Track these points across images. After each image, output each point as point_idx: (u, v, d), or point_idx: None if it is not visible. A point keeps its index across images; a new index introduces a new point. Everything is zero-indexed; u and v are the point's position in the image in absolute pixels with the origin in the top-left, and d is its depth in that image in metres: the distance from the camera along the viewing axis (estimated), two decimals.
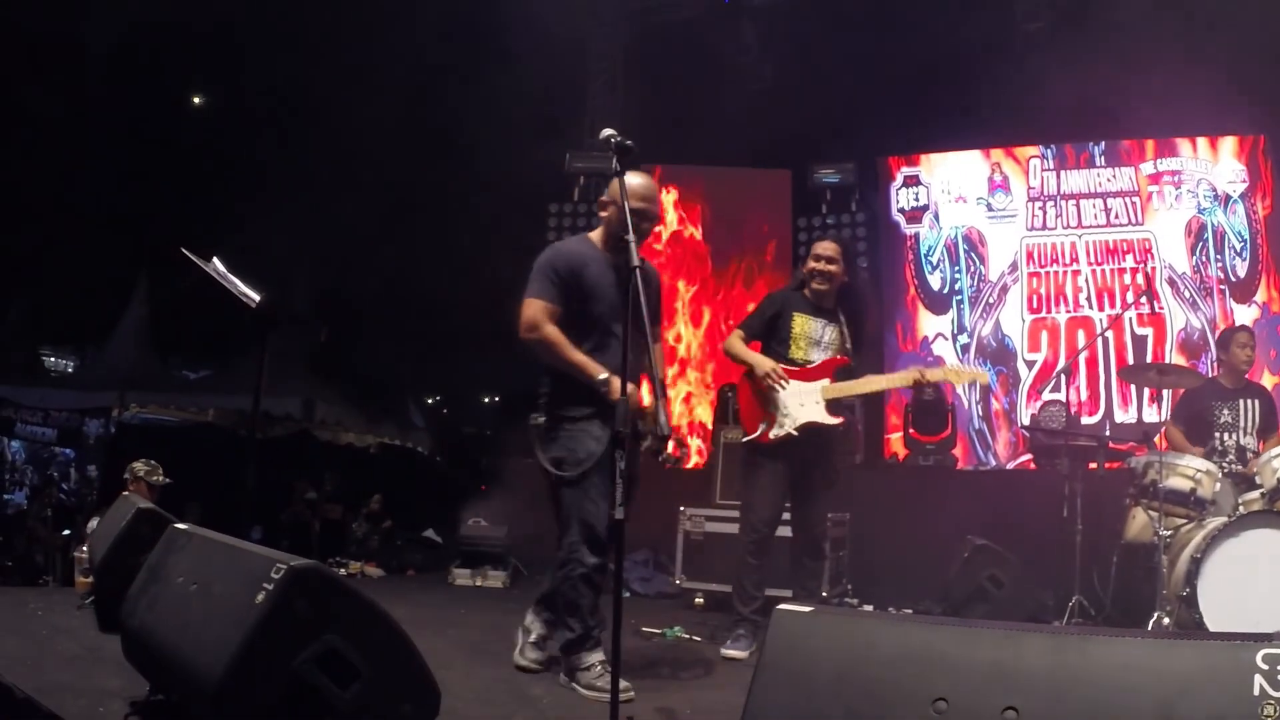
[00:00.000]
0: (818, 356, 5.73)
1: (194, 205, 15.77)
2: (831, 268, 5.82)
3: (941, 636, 2.14)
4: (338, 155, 13.79)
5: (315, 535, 11.61)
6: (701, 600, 7.65)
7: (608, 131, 3.94)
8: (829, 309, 5.87)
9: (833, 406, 5.63)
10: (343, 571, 9.19)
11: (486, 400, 29.39)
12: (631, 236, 3.77)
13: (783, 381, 5.55)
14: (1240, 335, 7.22)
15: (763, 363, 5.62)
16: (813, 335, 5.80)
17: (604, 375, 4.44)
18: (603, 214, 4.83)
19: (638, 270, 3.66)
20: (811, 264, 5.86)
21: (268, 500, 11.49)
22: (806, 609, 2.34)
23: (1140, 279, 9.70)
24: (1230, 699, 1.90)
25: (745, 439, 5.78)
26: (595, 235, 4.89)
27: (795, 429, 5.56)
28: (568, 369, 4.54)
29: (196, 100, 17.13)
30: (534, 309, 4.62)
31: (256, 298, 4.90)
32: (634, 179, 4.47)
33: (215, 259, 5.04)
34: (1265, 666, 1.90)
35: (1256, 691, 1.88)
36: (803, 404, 5.60)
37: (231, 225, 13.60)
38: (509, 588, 8.64)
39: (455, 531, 9.40)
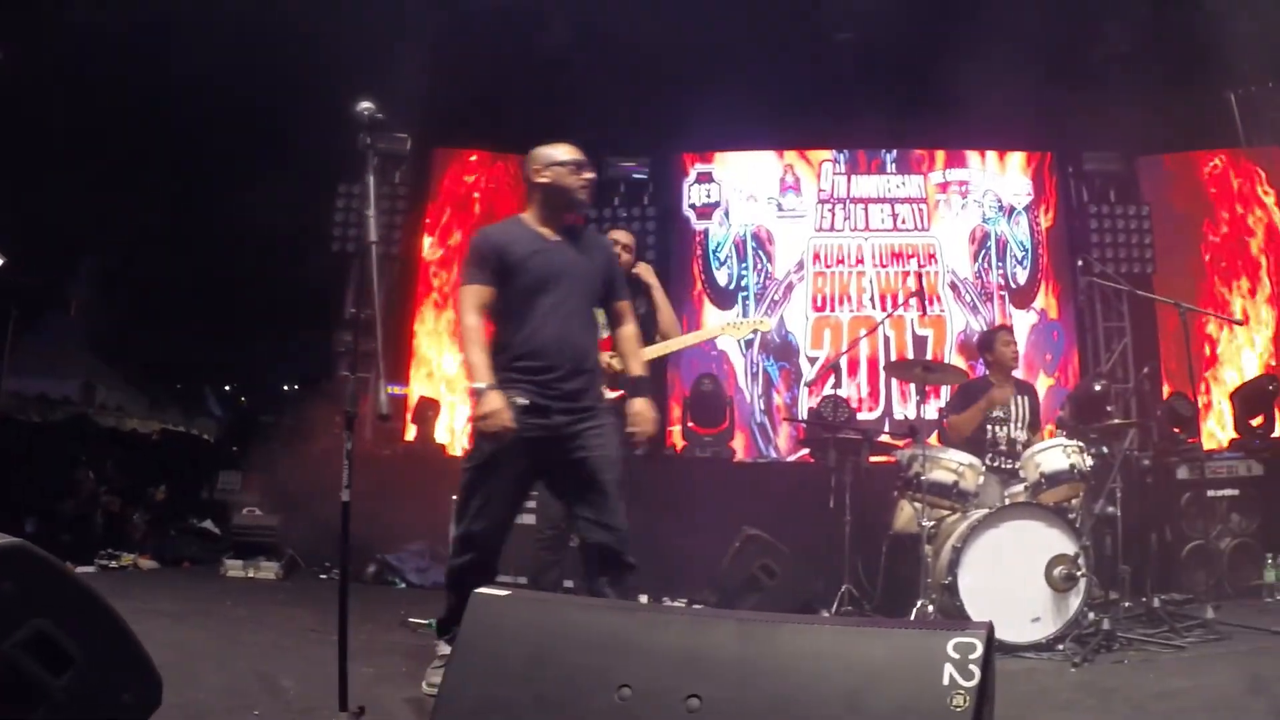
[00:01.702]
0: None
1: None
2: (629, 256, 6.03)
3: (631, 622, 2.11)
4: (130, 127, 13.16)
5: (98, 528, 11.05)
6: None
7: (364, 104, 3.78)
8: None
9: (610, 382, 5.52)
10: (114, 564, 8.77)
11: (286, 389, 28.58)
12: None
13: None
14: (1002, 334, 7.57)
15: None
16: (603, 318, 5.76)
17: None
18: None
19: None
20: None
21: (46, 490, 10.88)
22: (503, 592, 2.28)
23: (911, 282, 10.04)
24: (919, 688, 1.91)
25: None
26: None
27: None
28: None
29: None
30: None
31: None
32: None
33: None
34: (956, 655, 1.91)
35: (946, 681, 1.89)
36: None
37: (13, 196, 12.88)
38: (282, 579, 8.42)
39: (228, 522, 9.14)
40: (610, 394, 5.60)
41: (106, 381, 14.96)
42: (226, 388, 24.97)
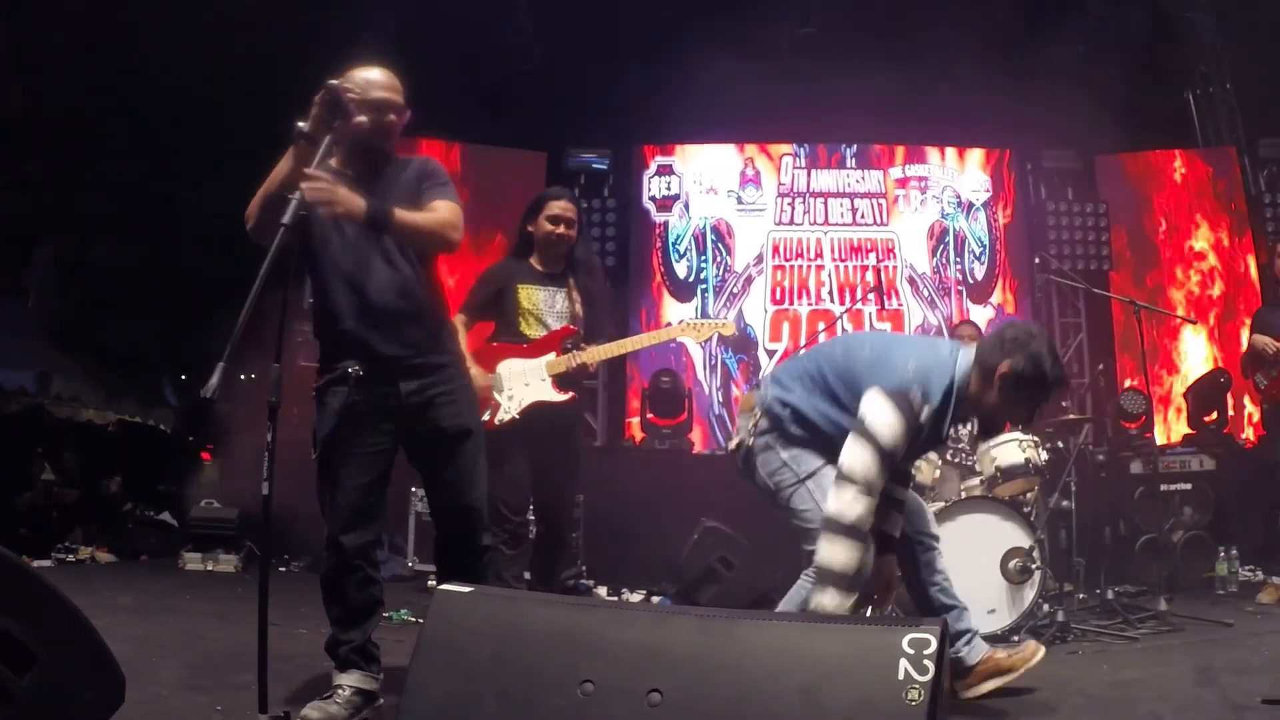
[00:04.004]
0: (554, 324, 5.44)
1: None
2: (571, 231, 5.51)
3: (594, 618, 2.13)
4: (87, 116, 13.01)
5: (54, 521, 10.92)
6: (435, 583, 7.48)
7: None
8: (558, 274, 5.55)
9: (561, 382, 5.36)
10: (71, 558, 8.69)
11: (243, 378, 28.26)
12: None
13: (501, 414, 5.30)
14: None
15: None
16: (542, 305, 5.47)
17: None
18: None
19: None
20: (548, 226, 5.45)
21: (2, 482, 10.74)
22: (466, 589, 2.29)
23: (870, 276, 10.10)
24: (875, 682, 1.94)
25: None
26: None
27: (518, 412, 5.29)
28: None
29: None
30: None
31: None
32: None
33: None
34: (910, 651, 1.93)
35: (901, 675, 1.92)
36: (527, 383, 5.32)
37: None
38: (241, 572, 8.34)
39: (187, 514, 9.06)
40: (559, 395, 5.37)
41: (63, 372, 14.76)
42: (184, 377, 24.68)
